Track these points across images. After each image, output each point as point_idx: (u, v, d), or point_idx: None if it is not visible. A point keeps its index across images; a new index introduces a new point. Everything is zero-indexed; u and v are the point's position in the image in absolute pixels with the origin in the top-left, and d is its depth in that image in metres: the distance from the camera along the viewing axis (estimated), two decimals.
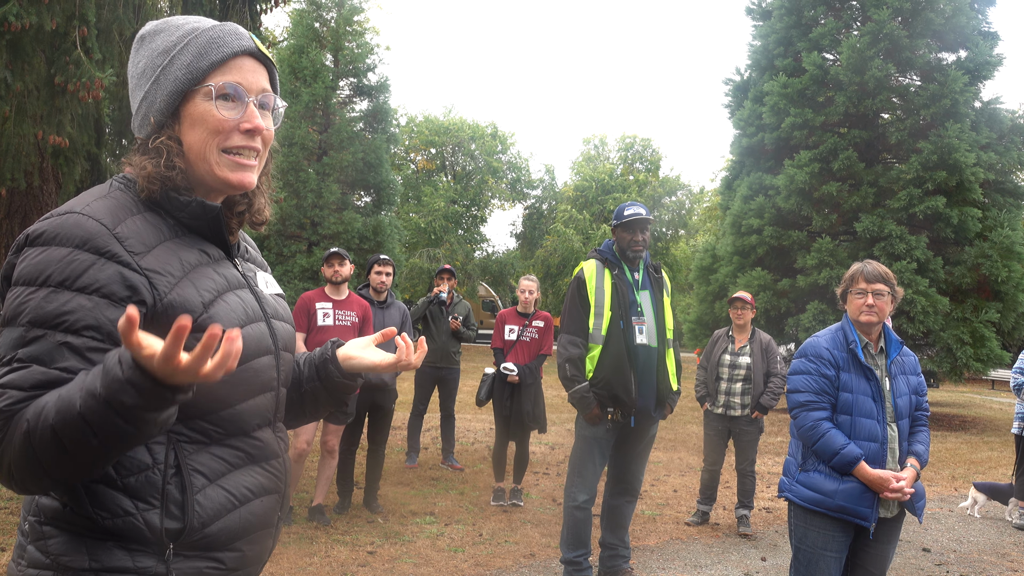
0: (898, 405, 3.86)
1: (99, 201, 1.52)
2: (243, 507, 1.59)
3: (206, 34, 1.61)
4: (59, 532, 1.47)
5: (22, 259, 1.44)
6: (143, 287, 1.46)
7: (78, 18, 8.18)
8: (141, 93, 1.62)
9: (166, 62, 1.59)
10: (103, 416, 1.26)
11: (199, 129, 1.59)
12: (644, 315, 5.43)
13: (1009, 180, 19.01)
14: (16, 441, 1.31)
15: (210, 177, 1.62)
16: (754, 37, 21.05)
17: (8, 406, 1.33)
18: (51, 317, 1.38)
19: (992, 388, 32.88)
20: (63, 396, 1.29)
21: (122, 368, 1.24)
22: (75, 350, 1.38)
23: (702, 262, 21.75)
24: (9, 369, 1.36)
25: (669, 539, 7.03)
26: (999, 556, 7.06)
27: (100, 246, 1.44)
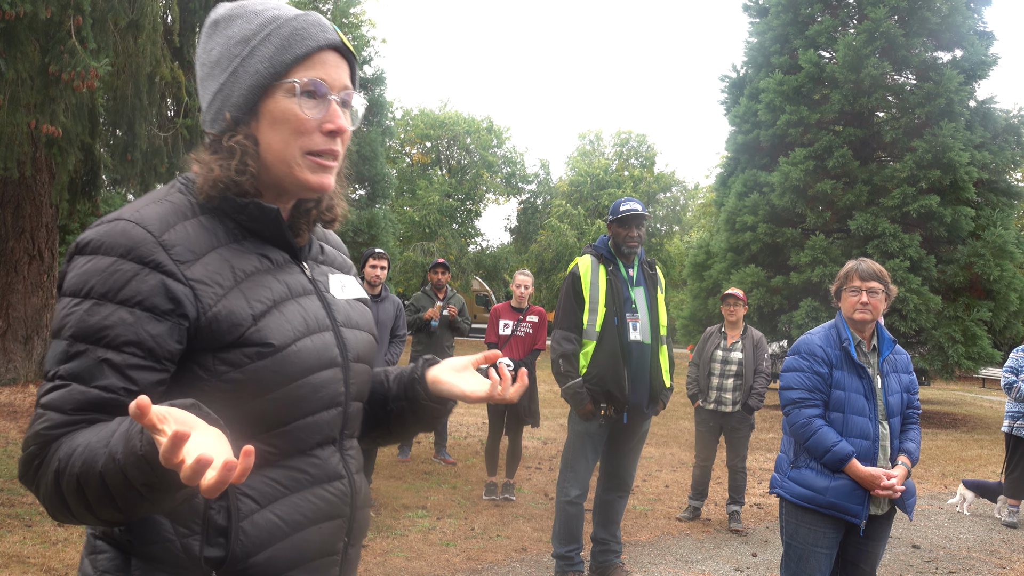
0: (890, 403, 3.87)
1: (151, 206, 1.44)
2: (297, 534, 1.47)
3: (289, 24, 1.48)
4: (109, 548, 1.43)
5: (71, 268, 1.38)
6: (186, 299, 1.37)
7: (73, 7, 8.15)
8: (215, 85, 1.50)
9: (245, 52, 1.47)
10: (121, 482, 1.19)
11: (280, 128, 1.48)
12: (638, 311, 5.43)
13: (1002, 180, 19.07)
14: (49, 475, 1.26)
15: (288, 179, 1.51)
16: (751, 34, 21.06)
17: (46, 429, 1.28)
18: (92, 331, 1.31)
19: (983, 386, 32.99)
20: (91, 446, 1.22)
21: (141, 442, 1.16)
22: (116, 367, 1.31)
23: (696, 258, 21.78)
24: (51, 387, 1.31)
25: (660, 534, 7.05)
26: (988, 553, 7.09)
27: (144, 255, 1.35)
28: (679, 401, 16.51)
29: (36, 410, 1.31)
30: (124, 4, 8.99)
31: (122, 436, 1.19)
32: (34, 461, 1.28)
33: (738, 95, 20.96)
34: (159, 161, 10.61)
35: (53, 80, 8.24)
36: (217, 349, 1.39)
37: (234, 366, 1.39)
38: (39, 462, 1.28)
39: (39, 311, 11.80)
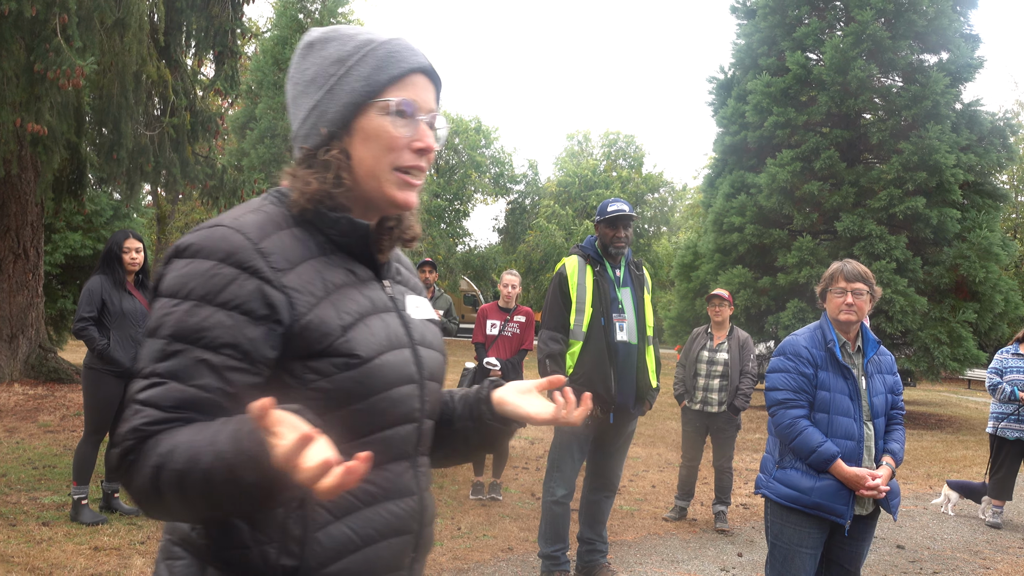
0: (874, 404, 3.88)
1: (249, 215, 1.48)
2: (368, 548, 1.49)
3: (384, 47, 1.56)
4: (186, 555, 1.45)
5: (169, 270, 1.41)
6: (282, 306, 1.41)
7: (58, 5, 8.12)
8: (310, 102, 1.56)
9: (342, 72, 1.54)
10: (225, 482, 1.22)
11: (373, 144, 1.54)
12: (625, 312, 5.44)
13: (988, 182, 19.18)
14: (146, 470, 1.28)
15: (377, 194, 1.56)
16: (738, 36, 21.10)
17: (144, 425, 1.30)
18: (191, 332, 1.35)
19: (968, 387, 33.17)
20: (195, 444, 1.25)
21: (252, 442, 1.19)
22: (213, 368, 1.34)
23: (684, 259, 21.82)
24: (148, 384, 1.33)
25: (647, 534, 7.06)
26: (972, 553, 7.12)
27: (243, 260, 1.39)
28: (666, 401, 16.53)
29: (132, 406, 1.32)
30: (110, 2, 8.96)
31: (230, 436, 1.22)
32: (129, 455, 1.30)
33: (726, 96, 21.00)
34: (145, 160, 10.58)
35: (38, 78, 8.21)
36: (306, 357, 1.42)
37: (322, 375, 1.43)
38: (134, 456, 1.29)
39: (24, 310, 11.74)
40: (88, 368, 6.26)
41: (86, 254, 16.04)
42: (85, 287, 6.28)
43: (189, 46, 11.85)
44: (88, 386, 6.26)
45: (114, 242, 6.38)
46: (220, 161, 13.53)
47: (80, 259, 16.22)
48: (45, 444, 8.85)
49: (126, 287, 6.34)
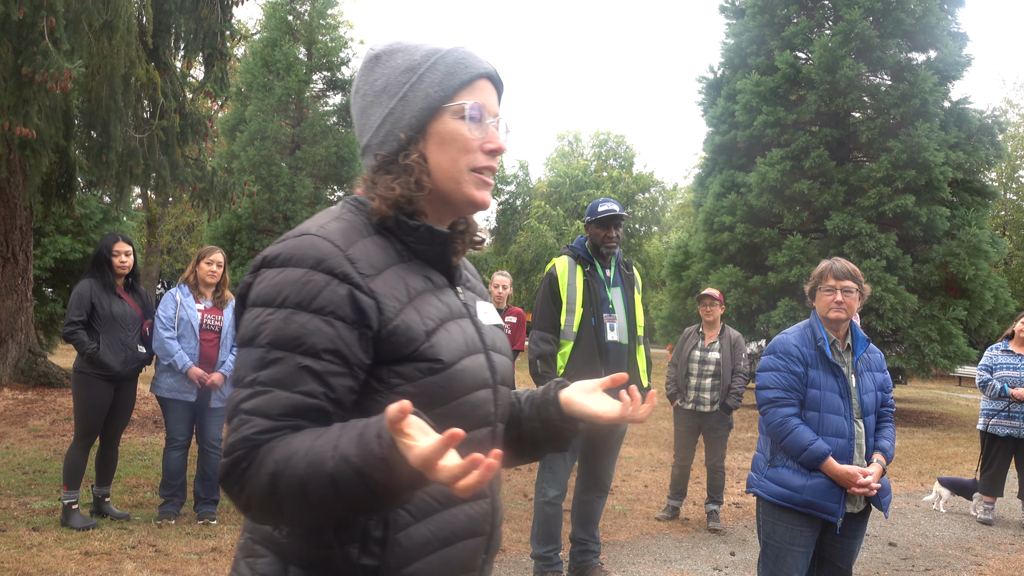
0: (864, 402, 3.89)
1: (333, 222, 1.52)
2: (445, 549, 1.53)
3: (452, 54, 1.60)
4: (268, 553, 1.48)
5: (259, 280, 1.44)
6: (371, 310, 1.44)
7: (46, 8, 8.08)
8: (382, 110, 1.59)
9: (413, 79, 1.58)
10: (353, 484, 1.25)
11: (449, 147, 1.58)
12: (615, 312, 5.44)
13: (977, 179, 19.27)
14: (261, 478, 1.30)
15: (456, 195, 1.60)
16: (727, 35, 21.15)
17: (255, 434, 1.32)
18: (290, 339, 1.37)
19: (959, 384, 33.29)
20: (315, 449, 1.28)
21: (380, 444, 1.23)
22: (315, 374, 1.37)
23: (675, 259, 21.86)
24: (252, 393, 1.36)
25: (639, 534, 7.06)
26: (963, 550, 7.15)
27: (333, 267, 1.42)
28: (658, 401, 16.53)
29: (239, 416, 1.34)
30: (98, 5, 8.92)
31: (354, 440, 1.26)
32: (241, 464, 1.32)
33: (715, 96, 21.05)
34: (135, 163, 10.53)
35: (26, 82, 8.17)
36: (392, 362, 1.45)
37: (407, 379, 1.46)
38: (246, 465, 1.31)
39: (13, 314, 11.69)
40: (78, 372, 6.24)
41: (76, 258, 15.99)
42: (74, 291, 6.26)
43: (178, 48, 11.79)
44: (78, 390, 6.24)
45: (103, 246, 6.36)
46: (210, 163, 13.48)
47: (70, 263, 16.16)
48: (35, 449, 8.82)
49: (116, 291, 6.32)
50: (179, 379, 6.30)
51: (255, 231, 23.67)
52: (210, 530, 6.22)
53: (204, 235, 25.38)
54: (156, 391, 6.41)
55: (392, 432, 1.20)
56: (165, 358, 6.27)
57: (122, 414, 6.46)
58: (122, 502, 6.87)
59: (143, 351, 6.43)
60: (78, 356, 6.23)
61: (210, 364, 6.41)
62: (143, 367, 6.53)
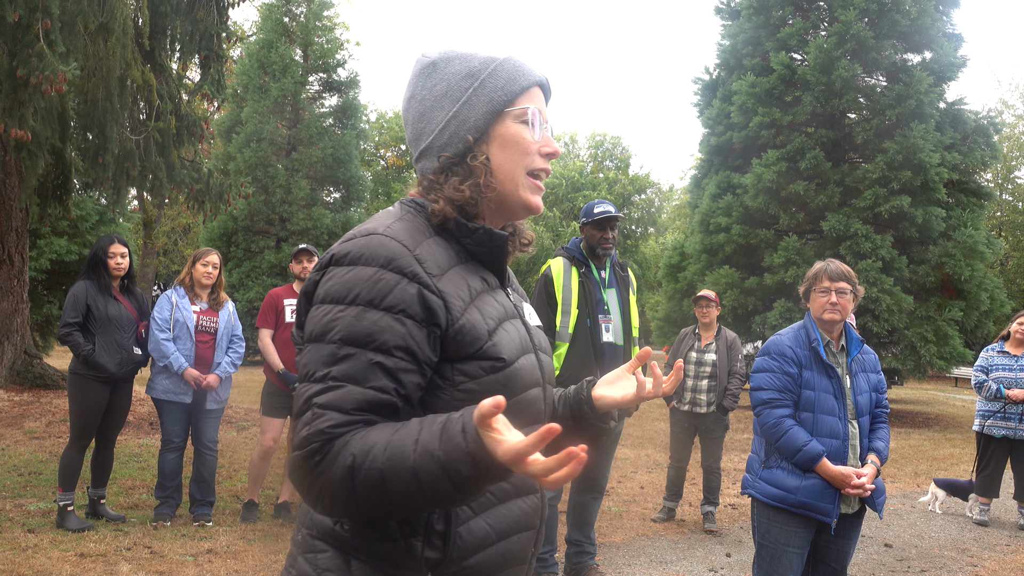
0: (859, 402, 3.90)
1: (397, 223, 1.55)
2: (502, 542, 1.58)
3: (508, 61, 1.66)
4: (329, 547, 1.50)
5: (328, 278, 1.47)
6: (439, 309, 1.47)
7: (41, 10, 8.08)
8: (444, 113, 1.63)
9: (475, 84, 1.62)
10: (435, 477, 1.28)
11: (511, 150, 1.63)
12: (610, 313, 5.45)
13: (972, 180, 19.28)
14: (337, 471, 1.33)
15: (513, 197, 1.65)
16: (723, 36, 21.18)
17: (330, 428, 1.35)
18: (362, 335, 1.40)
19: (955, 385, 33.31)
20: (394, 443, 1.32)
21: (466, 439, 1.27)
22: (387, 370, 1.40)
23: (671, 260, 21.88)
24: (324, 387, 1.38)
25: (635, 535, 7.06)
26: (959, 551, 7.15)
27: (403, 266, 1.45)
28: (654, 402, 16.56)
29: (312, 409, 1.37)
30: (93, 7, 8.92)
31: (436, 435, 1.30)
32: (315, 456, 1.34)
33: (711, 97, 21.07)
34: (131, 164, 10.53)
35: (21, 83, 8.17)
36: (457, 360, 1.49)
37: (470, 377, 1.50)
38: (320, 457, 1.34)
39: (9, 316, 11.67)
40: (73, 374, 6.23)
41: (72, 259, 15.98)
42: (70, 292, 6.25)
43: (174, 50, 11.79)
44: (73, 392, 6.23)
45: (99, 247, 6.36)
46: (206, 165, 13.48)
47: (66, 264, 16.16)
48: (31, 451, 8.81)
49: (111, 292, 6.32)
50: (175, 381, 6.30)
51: (251, 233, 23.65)
52: (206, 532, 6.22)
53: (200, 237, 25.37)
54: (152, 393, 6.41)
55: (478, 427, 1.25)
56: (161, 360, 6.27)
57: (118, 416, 6.45)
58: (118, 504, 6.87)
59: (139, 353, 6.42)
60: (74, 358, 6.22)
61: (206, 365, 6.41)
62: (139, 369, 6.52)
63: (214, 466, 6.58)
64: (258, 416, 7.88)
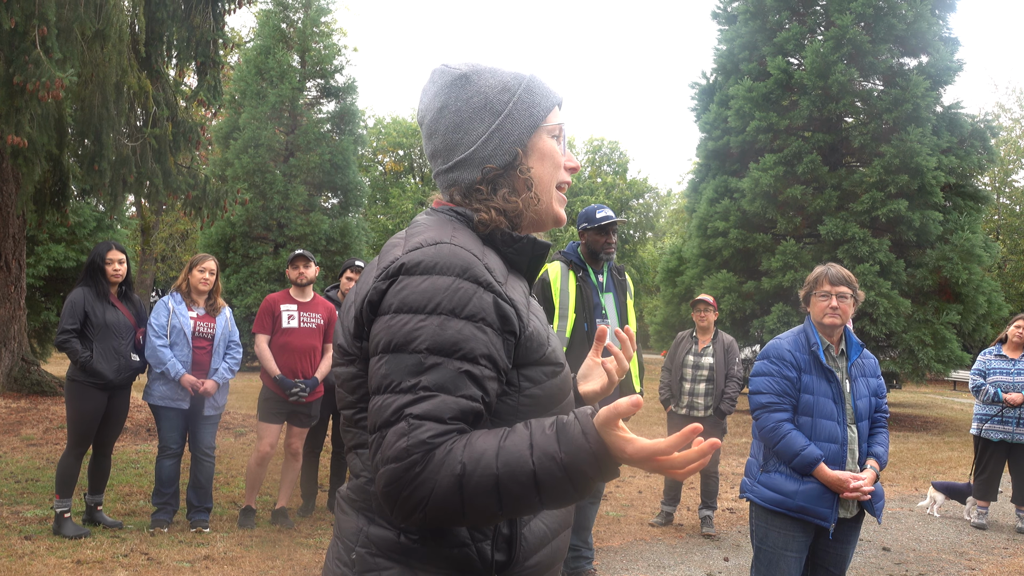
0: (858, 407, 3.90)
1: (458, 234, 1.55)
2: (553, 540, 1.64)
3: (534, 79, 1.70)
4: (394, 564, 1.50)
5: (400, 287, 1.45)
6: (512, 317, 1.49)
7: (38, 17, 8.08)
8: (486, 125, 1.63)
9: (514, 99, 1.64)
10: (556, 479, 1.33)
11: (547, 163, 1.67)
12: (608, 317, 5.45)
13: (969, 184, 19.31)
14: (444, 480, 1.33)
15: (547, 209, 1.69)
16: (720, 41, 21.21)
17: (431, 438, 1.34)
18: (449, 344, 1.39)
19: (954, 389, 33.31)
20: (507, 449, 1.34)
21: (587, 439, 1.33)
22: (475, 379, 1.41)
23: (669, 264, 21.89)
24: (416, 397, 1.37)
25: (633, 540, 7.05)
26: (957, 555, 7.15)
27: (478, 275, 1.46)
28: (652, 407, 16.56)
29: (407, 420, 1.35)
30: (90, 14, 8.92)
31: (552, 438, 1.35)
32: (415, 468, 1.33)
33: (708, 102, 21.09)
34: (127, 171, 10.52)
35: (18, 90, 8.16)
36: (522, 366, 1.53)
37: (534, 382, 1.54)
38: (420, 469, 1.33)
39: (7, 322, 11.66)
40: (71, 380, 6.22)
41: (69, 266, 15.96)
42: (68, 299, 6.25)
43: (171, 57, 11.79)
44: (71, 399, 6.22)
45: (97, 254, 6.35)
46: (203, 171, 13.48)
47: (63, 271, 16.14)
48: (28, 457, 8.79)
49: (109, 299, 6.31)
50: (172, 387, 6.29)
51: (249, 239, 23.65)
52: (203, 538, 6.20)
53: (198, 243, 25.36)
54: (149, 399, 6.40)
55: (604, 427, 1.32)
56: (158, 366, 6.26)
57: (115, 422, 6.44)
58: (114, 510, 6.85)
59: (137, 359, 6.41)
60: (71, 364, 6.21)
61: (203, 371, 6.40)
62: (137, 375, 6.51)
63: (211, 472, 6.57)
64: (255, 422, 7.87)
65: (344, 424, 1.62)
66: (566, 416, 1.39)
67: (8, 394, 11.51)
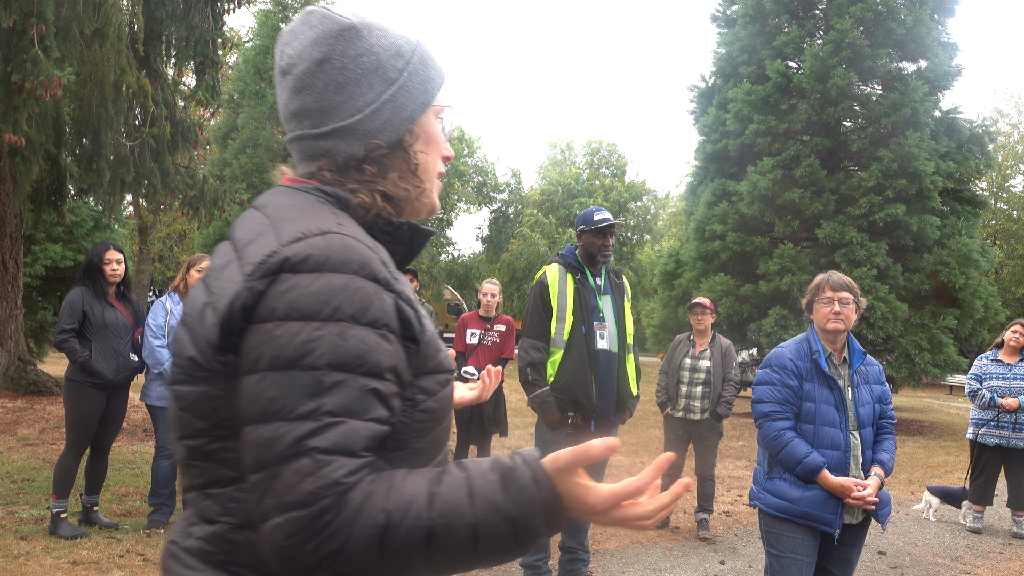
0: (861, 414, 3.92)
1: (343, 219, 1.31)
2: None
3: (426, 49, 1.49)
4: None
5: (285, 288, 1.18)
6: (413, 321, 1.28)
7: (36, 15, 8.08)
8: (376, 93, 1.40)
9: (409, 68, 1.43)
10: (499, 533, 1.13)
11: (431, 148, 1.47)
12: (605, 320, 5.45)
13: (967, 188, 19.33)
14: (360, 532, 1.08)
15: (425, 197, 1.48)
16: (719, 44, 21.22)
17: (344, 477, 1.10)
18: (352, 357, 1.15)
19: (950, 393, 33.34)
20: (444, 496, 1.13)
21: (539, 488, 1.15)
22: (382, 397, 1.18)
23: (666, 267, 21.88)
24: (319, 426, 1.11)
25: (629, 543, 7.05)
26: (953, 559, 7.16)
27: (376, 272, 1.23)
28: (649, 410, 16.55)
29: (310, 456, 1.10)
30: (89, 12, 8.92)
31: (496, 485, 1.15)
32: (325, 515, 1.08)
33: (707, 105, 21.10)
34: (125, 170, 10.52)
35: (16, 89, 8.16)
36: (418, 375, 1.30)
37: (429, 394, 1.32)
38: (332, 516, 1.08)
39: (3, 322, 11.65)
40: (69, 380, 6.22)
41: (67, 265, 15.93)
42: (66, 299, 6.25)
43: (169, 56, 11.79)
44: (69, 399, 6.21)
45: (95, 254, 6.35)
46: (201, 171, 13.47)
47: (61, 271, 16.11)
48: (24, 458, 8.78)
49: (107, 299, 6.31)
50: None
51: None
52: None
53: (196, 243, 25.35)
54: (146, 399, 6.40)
55: (562, 474, 1.16)
56: (155, 366, 6.26)
57: (113, 423, 6.44)
58: (111, 511, 6.84)
59: (135, 359, 6.41)
60: (70, 364, 6.21)
61: None
62: (135, 375, 6.51)
63: None
64: None
65: (187, 457, 1.30)
66: (507, 459, 1.19)
67: (4, 394, 11.50)
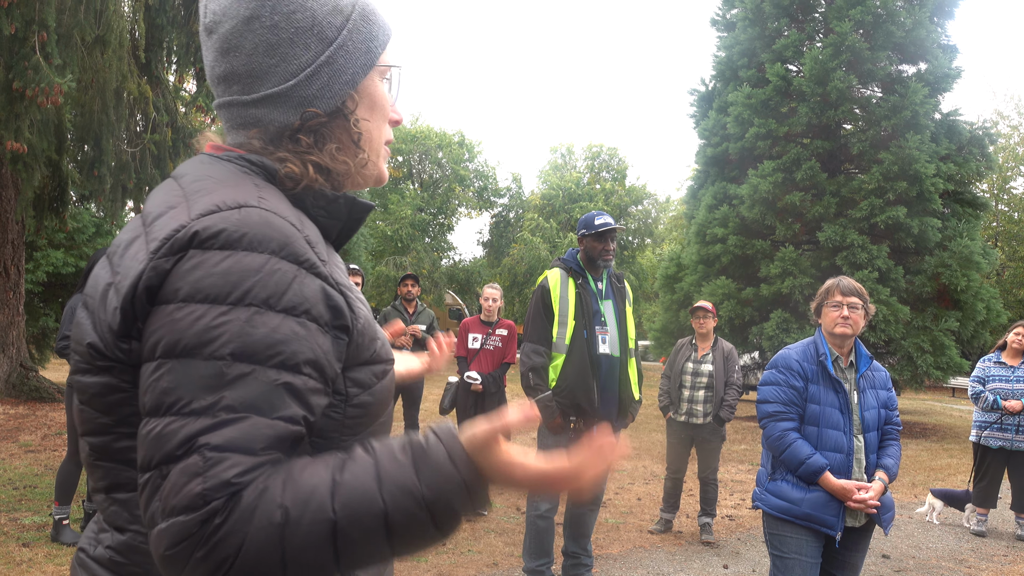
0: (866, 418, 3.92)
1: (266, 192, 1.17)
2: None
3: (369, 2, 1.33)
4: None
5: (191, 265, 1.05)
6: (344, 308, 1.15)
7: (37, 23, 8.10)
8: (311, 55, 1.25)
9: (348, 24, 1.27)
10: (415, 520, 1.03)
11: (376, 114, 1.33)
12: (607, 324, 5.44)
13: (968, 191, 19.33)
14: (256, 533, 0.97)
15: (369, 168, 1.34)
16: (719, 48, 21.24)
17: (237, 477, 0.98)
18: (262, 347, 1.03)
19: (952, 396, 33.34)
20: (348, 483, 1.02)
21: (456, 466, 1.04)
22: (296, 393, 1.05)
23: (667, 271, 21.87)
24: (215, 422, 0.99)
25: (632, 547, 7.04)
26: (957, 562, 7.14)
27: (299, 253, 1.10)
28: (651, 413, 16.55)
29: (201, 453, 0.98)
30: (90, 20, 8.94)
31: (408, 467, 1.04)
32: (215, 519, 0.97)
33: (707, 108, 21.11)
34: (127, 176, 10.54)
35: (17, 96, 8.18)
36: (351, 367, 1.19)
37: (364, 387, 1.21)
38: (222, 519, 0.96)
39: (5, 328, 11.66)
40: (71, 387, 6.20)
41: (68, 272, 15.98)
42: (68, 305, 6.25)
43: (170, 62, 11.83)
44: (71, 405, 6.21)
45: (96, 260, 6.35)
46: None
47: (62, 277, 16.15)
48: (26, 464, 8.77)
49: None
50: None
51: None
52: None
53: None
54: None
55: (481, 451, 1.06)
56: None
57: None
58: None
59: None
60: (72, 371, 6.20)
61: None
62: None
63: None
64: None
65: (91, 456, 1.20)
66: (420, 437, 1.08)
67: (6, 400, 11.50)
